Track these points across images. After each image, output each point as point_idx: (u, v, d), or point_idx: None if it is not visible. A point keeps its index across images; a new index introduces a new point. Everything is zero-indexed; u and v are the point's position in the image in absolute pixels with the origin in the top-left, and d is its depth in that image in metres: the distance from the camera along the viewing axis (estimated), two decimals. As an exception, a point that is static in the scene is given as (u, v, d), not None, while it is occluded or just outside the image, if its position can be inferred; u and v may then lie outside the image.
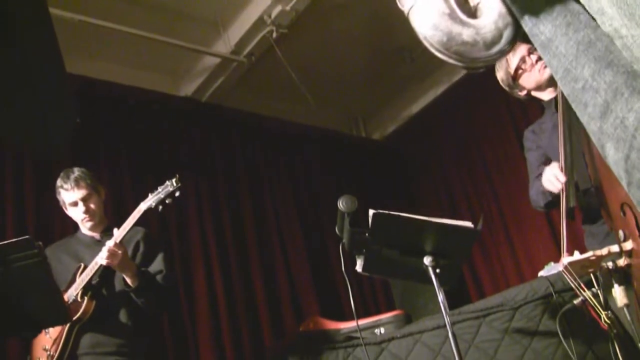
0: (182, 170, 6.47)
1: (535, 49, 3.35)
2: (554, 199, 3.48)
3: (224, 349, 6.03)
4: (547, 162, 3.60)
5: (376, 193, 8.30)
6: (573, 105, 1.28)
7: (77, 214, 3.96)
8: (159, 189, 3.80)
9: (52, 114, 2.29)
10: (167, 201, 3.78)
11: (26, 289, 2.87)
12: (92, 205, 3.93)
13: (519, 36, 1.51)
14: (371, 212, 2.98)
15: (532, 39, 1.33)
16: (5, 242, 2.78)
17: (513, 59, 3.53)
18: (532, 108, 3.83)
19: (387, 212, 2.99)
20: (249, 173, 7.31)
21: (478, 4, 1.52)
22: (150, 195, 3.81)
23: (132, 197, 5.94)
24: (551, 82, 3.49)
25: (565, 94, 1.29)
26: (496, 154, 7.78)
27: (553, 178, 3.32)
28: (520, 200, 7.18)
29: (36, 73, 2.22)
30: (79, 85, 5.61)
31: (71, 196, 3.91)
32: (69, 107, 2.36)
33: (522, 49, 3.50)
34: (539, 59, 3.49)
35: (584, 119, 1.26)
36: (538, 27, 1.30)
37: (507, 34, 1.49)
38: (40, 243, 2.83)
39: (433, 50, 1.53)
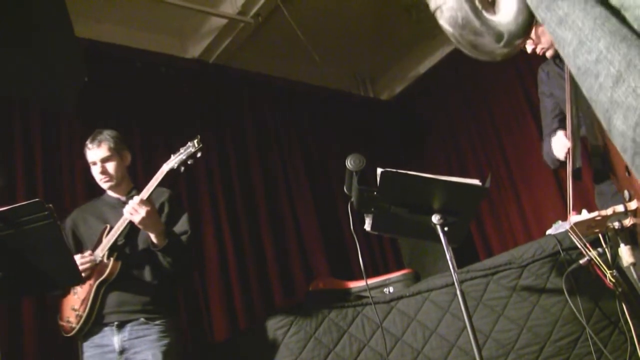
0: (190, 131, 6.52)
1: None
2: (563, 164, 3.55)
3: (234, 308, 6.09)
4: (560, 113, 3.64)
5: (384, 153, 8.30)
6: (583, 78, 1.29)
7: (95, 173, 4.00)
8: (181, 150, 3.82)
9: (62, 73, 2.31)
10: (188, 162, 3.80)
11: (38, 250, 2.90)
12: (109, 168, 3.95)
13: (529, 32, 1.60)
14: (379, 170, 2.99)
15: (549, 13, 1.34)
16: (17, 204, 2.81)
17: None
18: (539, 65, 3.84)
19: (395, 170, 3.01)
20: (257, 134, 7.31)
21: None
22: (172, 157, 3.84)
23: (140, 158, 5.97)
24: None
25: (576, 66, 1.30)
26: (504, 112, 7.75)
27: (563, 147, 3.38)
28: (528, 158, 7.20)
29: (47, 36, 2.24)
30: (86, 48, 5.60)
31: (91, 155, 3.96)
32: (78, 67, 2.38)
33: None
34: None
35: (593, 89, 1.27)
36: (557, 3, 1.31)
37: (522, 29, 1.58)
38: (51, 205, 2.84)
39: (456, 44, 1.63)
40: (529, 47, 3.55)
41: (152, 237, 3.73)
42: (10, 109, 5.47)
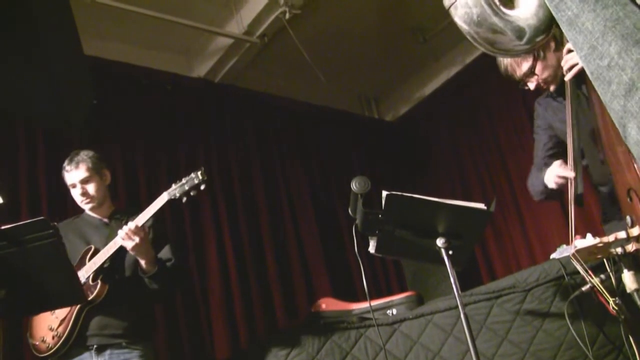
0: (194, 150, 6.54)
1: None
2: (550, 195, 3.56)
3: (236, 329, 6.07)
4: (559, 144, 3.63)
5: (389, 174, 8.31)
6: (596, 84, 1.25)
7: (75, 196, 3.97)
8: (184, 180, 3.71)
9: (71, 93, 2.32)
10: (191, 193, 3.70)
11: (42, 268, 2.89)
12: (89, 189, 3.92)
13: (552, 27, 1.53)
14: (384, 193, 2.99)
15: (557, 14, 1.28)
16: (22, 222, 2.81)
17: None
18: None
19: (400, 193, 3.01)
20: (262, 154, 7.32)
21: None
22: (174, 185, 3.74)
23: (144, 176, 5.99)
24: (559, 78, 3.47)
25: (588, 71, 1.26)
26: (509, 135, 7.75)
27: (556, 178, 3.38)
28: (532, 181, 7.18)
29: (56, 55, 2.24)
30: (93, 66, 5.61)
31: (69, 178, 3.94)
32: (87, 87, 2.38)
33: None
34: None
35: (606, 97, 1.23)
36: (565, 3, 1.26)
37: (544, 24, 1.53)
38: (56, 224, 2.85)
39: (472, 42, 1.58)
40: (532, 85, 3.54)
41: (142, 263, 3.71)
42: (15, 124, 5.49)
